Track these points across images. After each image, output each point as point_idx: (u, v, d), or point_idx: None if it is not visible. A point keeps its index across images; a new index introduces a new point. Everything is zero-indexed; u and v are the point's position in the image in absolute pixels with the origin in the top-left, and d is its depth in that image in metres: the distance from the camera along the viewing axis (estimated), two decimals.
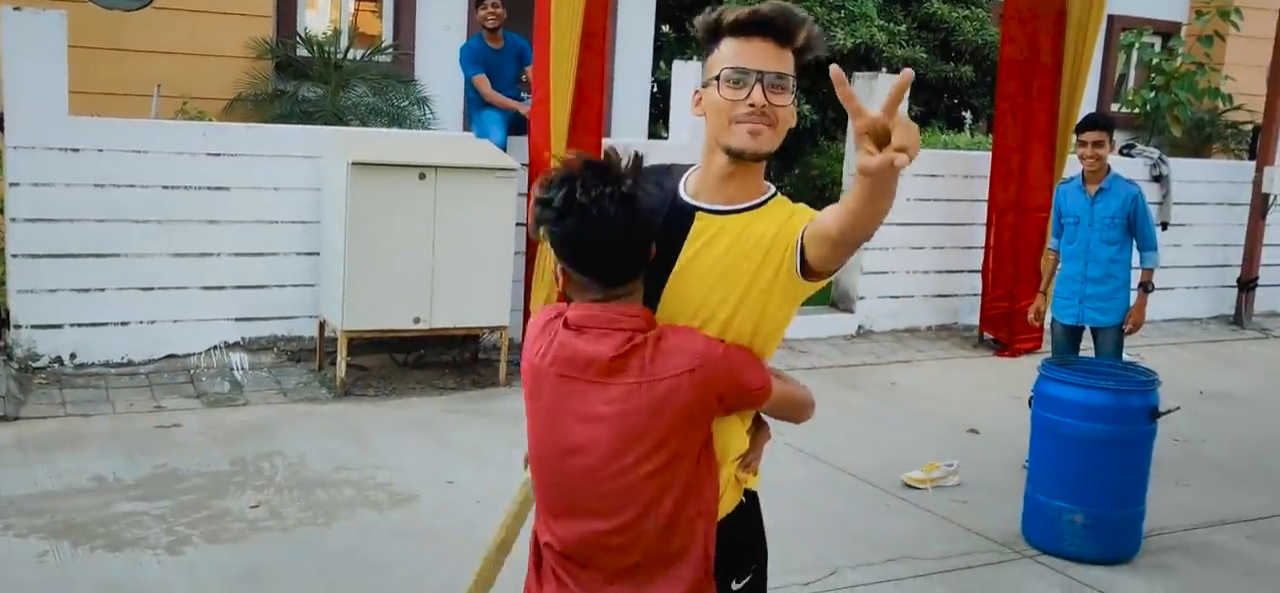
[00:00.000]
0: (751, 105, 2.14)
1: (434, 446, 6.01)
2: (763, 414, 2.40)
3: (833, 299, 9.40)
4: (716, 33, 2.20)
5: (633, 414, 2.16)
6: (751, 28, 2.16)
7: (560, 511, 2.29)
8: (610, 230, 2.13)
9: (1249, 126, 13.42)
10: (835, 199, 9.21)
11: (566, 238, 2.17)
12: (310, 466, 5.55)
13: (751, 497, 2.41)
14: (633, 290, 2.24)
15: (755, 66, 2.14)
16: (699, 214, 2.24)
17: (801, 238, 2.15)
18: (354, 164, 6.44)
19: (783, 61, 2.16)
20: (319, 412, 6.42)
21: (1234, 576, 4.95)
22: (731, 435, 2.31)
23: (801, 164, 12.30)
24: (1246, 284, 10.63)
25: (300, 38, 10.17)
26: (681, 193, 2.29)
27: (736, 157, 2.19)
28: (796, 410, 2.41)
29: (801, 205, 2.28)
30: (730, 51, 2.17)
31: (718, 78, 2.18)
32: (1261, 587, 4.85)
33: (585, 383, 2.19)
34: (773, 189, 2.30)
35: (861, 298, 9.10)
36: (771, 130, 2.17)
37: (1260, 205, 10.48)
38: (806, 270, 2.17)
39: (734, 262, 2.21)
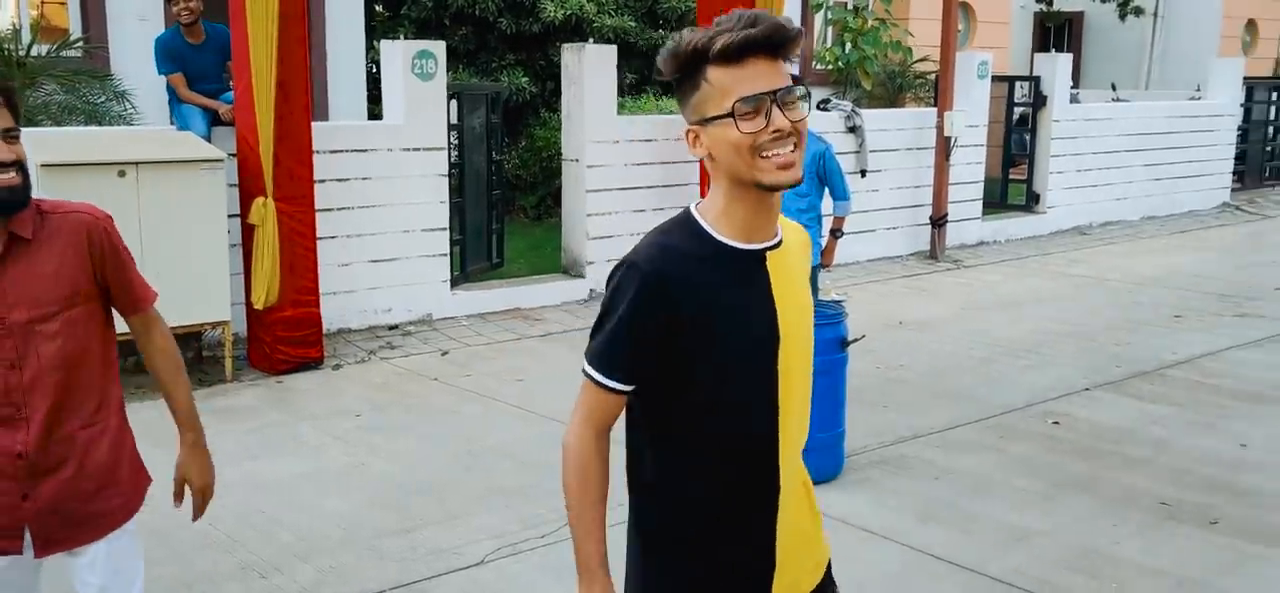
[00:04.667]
0: (776, 131, 1.92)
1: (160, 451, 5.75)
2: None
3: (564, 266, 9.63)
4: (698, 64, 1.93)
5: None
6: (746, 50, 1.90)
7: None
8: None
9: (933, 75, 14.54)
10: (557, 171, 9.30)
11: None
12: None
13: None
14: None
15: (767, 88, 1.92)
16: (768, 255, 2.06)
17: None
18: (43, 166, 6.10)
19: (784, 73, 1.95)
20: None
21: (923, 481, 5.49)
22: None
23: (527, 137, 12.46)
24: (938, 221, 11.59)
25: None
26: (725, 240, 2.02)
27: (773, 190, 1.98)
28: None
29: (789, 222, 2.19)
30: (730, 80, 1.91)
31: (732, 114, 1.91)
32: (946, 488, 5.40)
33: None
34: None
35: (591, 263, 9.37)
36: (799, 148, 1.96)
37: (944, 147, 11.44)
38: None
39: (800, 280, 2.15)
